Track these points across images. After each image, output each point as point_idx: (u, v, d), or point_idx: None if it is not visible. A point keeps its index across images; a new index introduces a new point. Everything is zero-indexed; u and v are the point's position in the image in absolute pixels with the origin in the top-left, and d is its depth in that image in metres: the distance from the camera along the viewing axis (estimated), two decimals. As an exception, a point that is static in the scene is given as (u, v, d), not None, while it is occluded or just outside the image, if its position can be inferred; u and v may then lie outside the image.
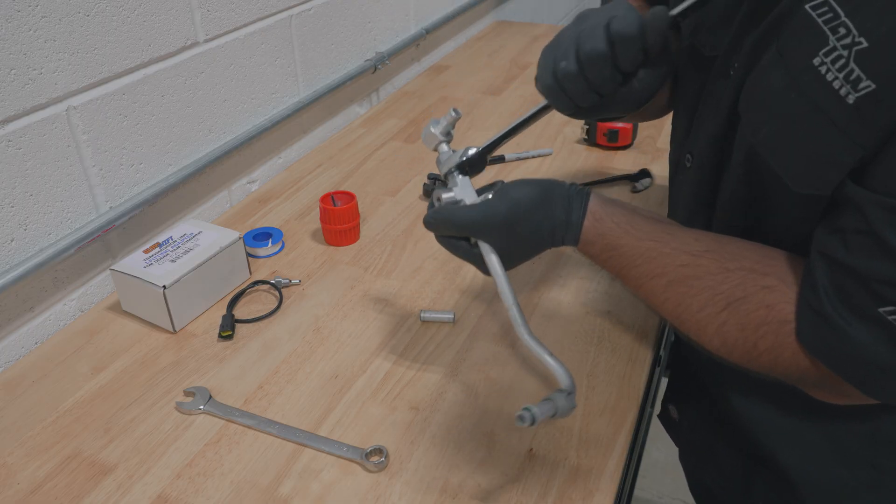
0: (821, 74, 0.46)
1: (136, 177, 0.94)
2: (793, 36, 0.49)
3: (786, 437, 0.67)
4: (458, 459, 0.67)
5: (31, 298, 0.84)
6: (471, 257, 0.63)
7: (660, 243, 0.58)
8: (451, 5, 1.71)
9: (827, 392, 0.54)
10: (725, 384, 0.71)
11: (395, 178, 1.16)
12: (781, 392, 0.58)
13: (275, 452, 0.68)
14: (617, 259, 0.60)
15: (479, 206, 0.61)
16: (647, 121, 0.93)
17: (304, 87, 1.24)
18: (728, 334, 0.55)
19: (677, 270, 0.57)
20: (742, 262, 0.55)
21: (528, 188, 0.61)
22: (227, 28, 1.04)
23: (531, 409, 0.54)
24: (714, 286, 0.55)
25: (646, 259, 0.58)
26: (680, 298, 0.57)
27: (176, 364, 0.79)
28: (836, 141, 0.46)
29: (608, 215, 0.60)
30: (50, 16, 0.78)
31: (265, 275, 0.93)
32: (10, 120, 0.77)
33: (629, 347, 0.80)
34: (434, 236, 0.66)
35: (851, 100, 0.45)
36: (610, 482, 0.65)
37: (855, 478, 0.66)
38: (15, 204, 0.79)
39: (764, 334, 0.53)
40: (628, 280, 0.61)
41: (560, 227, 0.61)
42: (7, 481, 0.66)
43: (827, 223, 0.50)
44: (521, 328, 0.61)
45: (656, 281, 0.58)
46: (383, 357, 0.80)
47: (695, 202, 0.67)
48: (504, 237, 0.61)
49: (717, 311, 0.55)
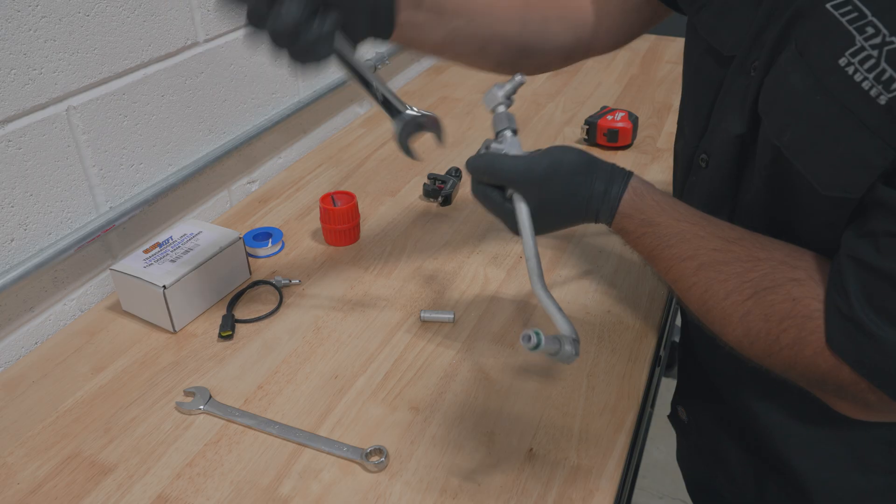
0: (848, 75, 0.45)
1: (136, 177, 0.94)
2: (813, 36, 0.48)
3: (802, 442, 0.67)
4: (458, 459, 0.67)
5: (30, 298, 0.84)
6: (501, 211, 0.63)
7: (696, 226, 0.58)
8: (451, 5, 1.71)
9: (847, 401, 0.53)
10: (741, 386, 0.70)
11: (395, 178, 1.16)
12: (800, 397, 0.57)
13: (275, 452, 0.68)
14: (651, 237, 0.59)
15: (522, 157, 0.62)
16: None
17: (304, 87, 1.24)
18: (752, 324, 0.54)
19: (709, 254, 0.56)
20: (773, 253, 0.54)
21: (573, 153, 0.62)
22: (227, 28, 1.04)
23: (539, 334, 0.52)
24: (743, 273, 0.54)
25: (680, 240, 0.58)
26: (708, 283, 0.56)
27: (176, 364, 0.79)
28: (867, 143, 0.45)
29: (648, 193, 0.60)
30: (50, 16, 0.78)
31: (265, 275, 0.93)
32: (10, 120, 0.77)
33: (629, 347, 0.80)
34: (439, 235, 0.66)
35: (883, 101, 0.44)
36: (610, 482, 0.65)
37: (870, 483, 0.65)
38: (15, 204, 0.79)
39: (787, 328, 0.52)
40: (659, 261, 0.60)
41: (597, 198, 0.61)
42: (7, 481, 0.66)
43: (857, 226, 0.49)
44: (536, 279, 0.61)
45: (687, 263, 0.57)
46: (383, 357, 0.80)
47: (712, 203, 0.65)
48: (540, 193, 0.61)
49: (744, 298, 0.54)
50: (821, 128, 0.49)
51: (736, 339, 0.56)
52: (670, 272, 0.60)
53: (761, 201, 0.59)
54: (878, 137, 0.45)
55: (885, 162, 0.45)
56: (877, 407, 0.51)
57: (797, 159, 0.52)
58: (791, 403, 0.66)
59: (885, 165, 0.45)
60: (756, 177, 0.59)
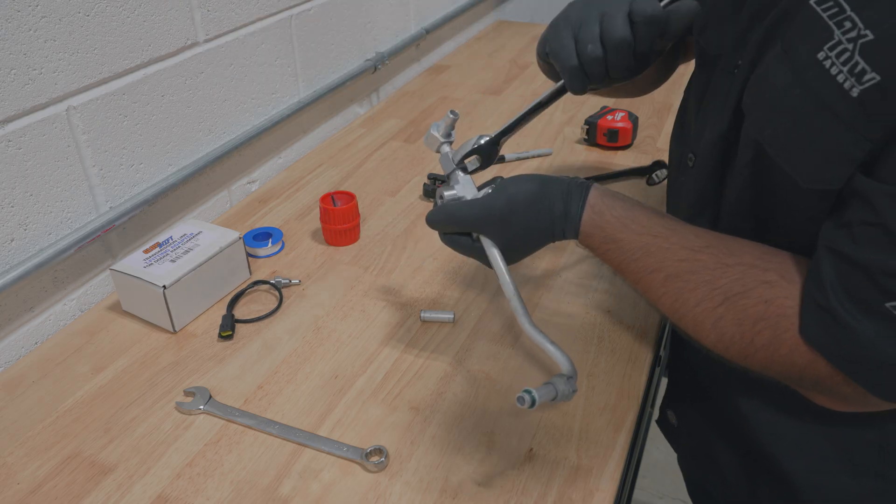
0: (825, 69, 0.46)
1: (136, 177, 0.94)
2: (797, 32, 0.49)
3: (793, 443, 0.67)
4: (458, 459, 0.67)
5: (30, 298, 0.84)
6: (474, 252, 0.65)
7: (659, 238, 0.58)
8: (451, 5, 1.72)
9: (825, 395, 0.53)
10: (731, 387, 0.71)
11: (395, 178, 1.16)
12: (790, 398, 0.57)
13: (275, 452, 0.68)
14: (615, 252, 0.60)
15: (477, 201, 0.63)
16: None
17: (304, 87, 1.24)
18: (725, 329, 0.54)
19: (675, 265, 0.57)
20: (742, 258, 0.55)
21: (526, 184, 0.62)
22: (227, 28, 1.04)
23: (531, 392, 0.54)
24: (711, 281, 0.55)
25: (644, 253, 0.58)
26: (677, 293, 0.57)
27: (176, 364, 0.79)
28: (842, 135, 0.46)
29: (608, 208, 0.60)
30: (50, 16, 0.78)
31: (265, 275, 0.93)
32: (10, 120, 0.77)
33: (629, 347, 0.80)
34: (438, 236, 0.67)
35: (855, 93, 0.44)
36: (610, 482, 0.65)
37: (860, 486, 0.65)
38: (15, 204, 0.79)
39: (761, 330, 0.52)
40: (627, 274, 0.61)
41: (559, 220, 0.61)
42: (7, 481, 0.66)
43: (834, 217, 0.50)
44: (522, 318, 0.63)
45: (654, 275, 0.58)
46: (383, 357, 0.80)
47: (699, 202, 0.66)
48: (503, 231, 0.62)
49: (714, 305, 0.54)
50: (800, 122, 0.49)
51: (711, 344, 0.56)
52: (639, 284, 0.60)
53: (745, 199, 0.60)
54: (852, 129, 0.45)
55: (862, 153, 0.45)
56: (853, 399, 0.51)
57: (778, 154, 0.52)
58: (781, 402, 0.66)
59: (862, 157, 0.46)
60: (738, 175, 0.59)
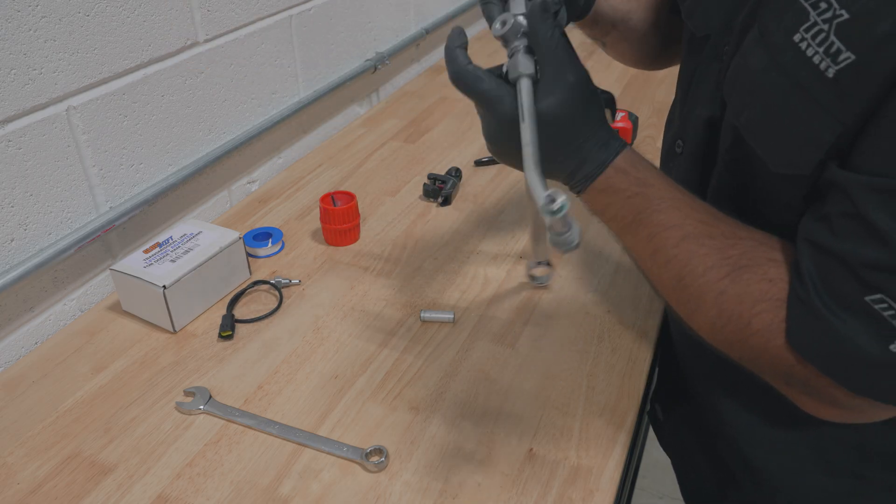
0: (801, 51, 0.45)
1: (136, 177, 0.94)
2: (774, 15, 0.48)
3: (769, 443, 0.66)
4: (458, 459, 0.67)
5: (30, 298, 0.84)
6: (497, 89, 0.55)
7: (687, 196, 0.56)
8: (451, 5, 1.72)
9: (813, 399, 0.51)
10: (713, 382, 0.70)
11: (395, 178, 1.16)
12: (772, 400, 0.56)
13: (275, 452, 0.68)
14: (642, 199, 0.55)
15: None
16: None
17: (304, 87, 1.24)
18: (725, 304, 0.52)
19: (696, 226, 0.54)
20: (753, 234, 0.54)
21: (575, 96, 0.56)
22: (227, 28, 1.04)
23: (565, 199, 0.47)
24: (723, 248, 0.53)
25: (671, 205, 0.55)
26: (688, 257, 0.54)
27: (176, 364, 0.79)
28: (817, 117, 0.45)
29: (642, 159, 0.57)
30: (50, 16, 0.78)
31: (265, 275, 0.93)
32: (10, 120, 0.77)
33: (629, 347, 0.80)
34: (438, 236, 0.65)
35: (831, 73, 0.43)
36: (610, 482, 0.65)
37: (837, 486, 0.65)
38: (15, 204, 0.79)
39: (760, 311, 0.50)
40: (643, 227, 0.56)
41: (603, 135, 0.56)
42: (7, 481, 0.66)
43: (813, 211, 0.49)
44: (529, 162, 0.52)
45: (671, 232, 0.55)
46: (383, 357, 0.80)
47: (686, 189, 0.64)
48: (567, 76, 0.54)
49: (721, 276, 0.52)
50: (774, 105, 0.48)
51: (708, 322, 0.54)
52: (652, 241, 0.55)
53: (726, 186, 0.59)
54: (827, 111, 0.44)
55: (832, 136, 0.45)
56: (844, 403, 0.49)
57: (752, 138, 0.51)
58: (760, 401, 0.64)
59: (832, 140, 0.45)
60: (720, 161, 0.58)
